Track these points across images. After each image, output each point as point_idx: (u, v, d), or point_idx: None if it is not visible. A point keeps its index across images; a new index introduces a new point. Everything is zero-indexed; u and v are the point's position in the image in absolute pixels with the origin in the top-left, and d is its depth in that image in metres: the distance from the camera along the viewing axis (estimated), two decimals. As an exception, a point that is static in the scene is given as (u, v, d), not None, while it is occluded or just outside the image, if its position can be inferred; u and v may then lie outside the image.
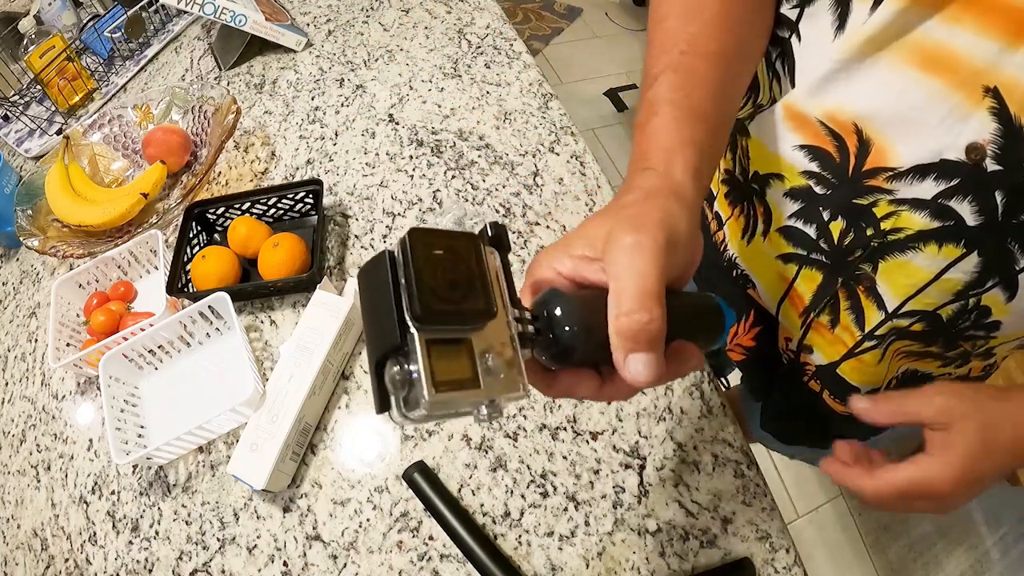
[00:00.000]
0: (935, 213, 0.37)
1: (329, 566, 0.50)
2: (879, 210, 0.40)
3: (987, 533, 1.41)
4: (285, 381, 0.53)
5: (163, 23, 0.99)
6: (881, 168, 0.38)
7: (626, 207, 0.30)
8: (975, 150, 0.34)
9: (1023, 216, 0.35)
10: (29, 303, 0.72)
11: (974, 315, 0.41)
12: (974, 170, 0.34)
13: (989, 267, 0.37)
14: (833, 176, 0.42)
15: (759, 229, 0.51)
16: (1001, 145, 0.33)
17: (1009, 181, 0.34)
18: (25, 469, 0.61)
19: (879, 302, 0.43)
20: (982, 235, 0.36)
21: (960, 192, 0.35)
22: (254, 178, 0.76)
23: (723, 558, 0.48)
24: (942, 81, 0.34)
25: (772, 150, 0.46)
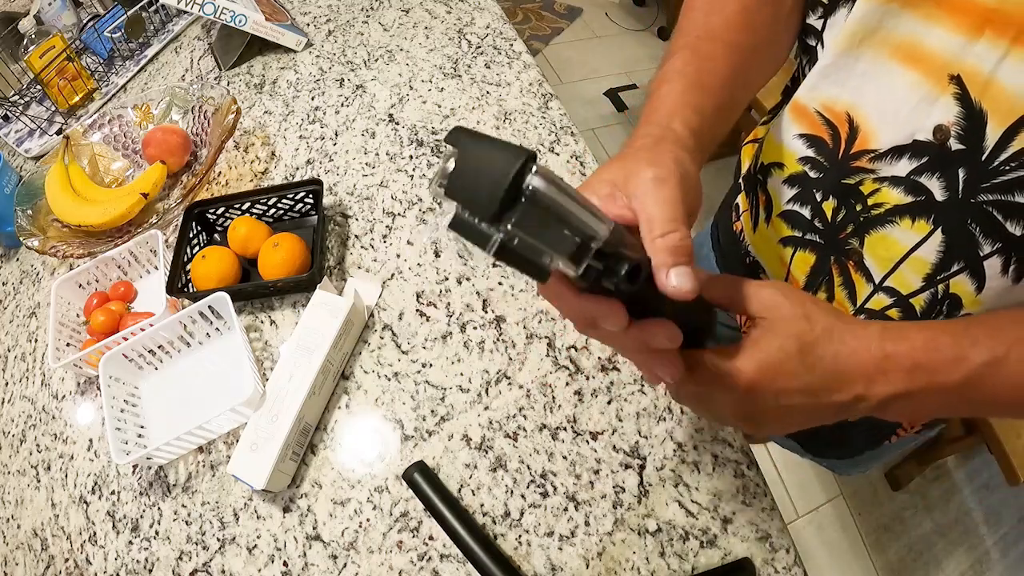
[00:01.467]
0: (909, 188, 0.41)
1: (329, 566, 0.50)
2: (865, 188, 0.43)
3: (987, 533, 1.41)
4: (285, 381, 0.53)
5: (163, 23, 0.99)
6: (866, 150, 0.42)
7: (639, 151, 0.33)
8: (941, 131, 0.38)
9: (980, 197, 0.37)
10: (29, 303, 0.72)
11: (946, 305, 0.43)
12: (940, 149, 0.38)
13: (952, 247, 0.40)
14: (826, 160, 0.46)
15: (762, 216, 0.54)
16: (963, 126, 0.37)
17: (970, 159, 0.37)
18: (25, 469, 0.61)
19: (867, 275, 0.46)
20: (946, 211, 0.39)
21: (929, 169, 0.39)
22: (254, 178, 0.76)
23: (723, 558, 0.48)
24: (917, 72, 0.38)
25: (778, 141, 0.50)
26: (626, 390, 0.55)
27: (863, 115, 0.42)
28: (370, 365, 0.59)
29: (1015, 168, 0.35)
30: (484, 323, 0.60)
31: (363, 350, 0.60)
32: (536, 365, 0.57)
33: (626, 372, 0.56)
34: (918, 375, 0.32)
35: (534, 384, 0.56)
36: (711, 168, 1.49)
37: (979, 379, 0.32)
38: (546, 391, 0.56)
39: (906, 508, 1.43)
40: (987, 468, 1.47)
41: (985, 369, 0.32)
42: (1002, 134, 0.35)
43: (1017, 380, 0.32)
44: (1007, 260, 0.38)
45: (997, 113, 0.35)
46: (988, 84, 0.35)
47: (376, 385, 0.58)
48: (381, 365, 0.59)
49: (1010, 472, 1.07)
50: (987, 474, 1.46)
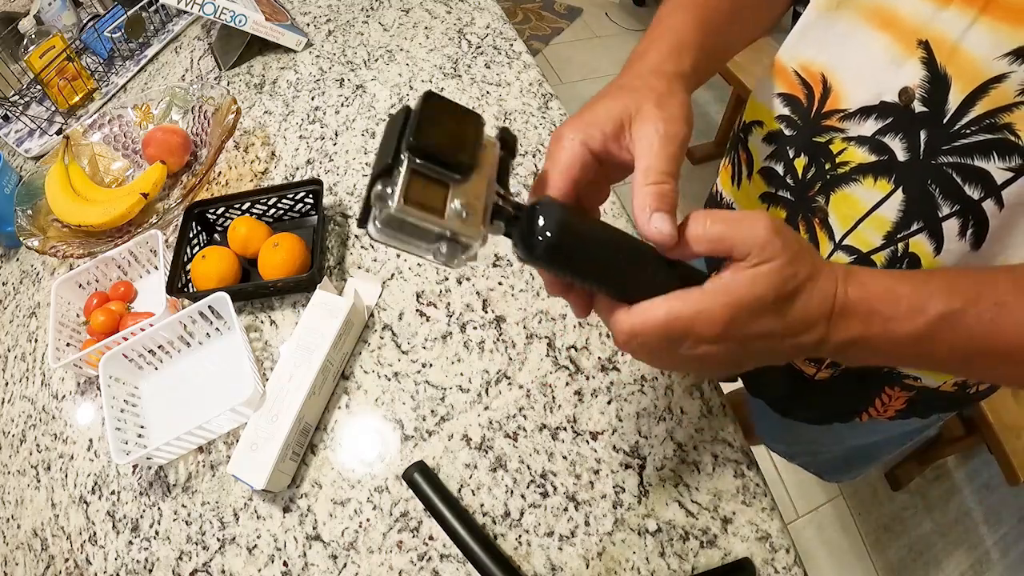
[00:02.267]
0: (873, 148, 0.42)
1: (329, 566, 0.50)
2: (834, 147, 0.45)
3: (987, 533, 1.41)
4: (285, 381, 0.53)
5: (163, 23, 0.99)
6: (836, 110, 0.44)
7: (652, 89, 0.34)
8: (906, 93, 0.39)
9: (941, 159, 0.38)
10: (29, 303, 0.72)
11: (905, 263, 0.43)
12: (905, 111, 0.39)
13: (911, 206, 0.41)
14: (799, 119, 0.47)
15: (743, 173, 0.56)
16: (928, 90, 0.38)
17: (931, 121, 0.38)
18: (25, 469, 0.61)
19: (830, 233, 0.47)
20: (907, 171, 0.40)
21: (893, 130, 0.41)
22: (254, 178, 0.76)
23: (723, 558, 0.48)
24: (888, 35, 0.39)
25: (760, 100, 0.52)
26: (626, 390, 0.55)
27: (837, 76, 0.44)
28: (370, 365, 0.59)
29: (975, 132, 0.36)
30: (484, 323, 0.60)
31: (363, 350, 0.60)
32: (536, 365, 0.57)
33: (626, 372, 0.56)
34: (875, 321, 0.31)
35: (534, 384, 0.56)
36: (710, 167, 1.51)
37: (934, 331, 0.31)
38: (546, 391, 0.56)
39: (906, 508, 1.43)
40: (987, 468, 1.47)
41: (941, 322, 0.31)
42: (964, 99, 0.36)
43: (969, 336, 0.32)
44: (964, 223, 0.39)
45: (961, 79, 0.36)
46: (954, 50, 0.36)
47: (376, 385, 0.58)
48: (381, 365, 0.59)
49: (1010, 472, 1.07)
50: (987, 474, 1.46)
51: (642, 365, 0.56)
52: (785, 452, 0.91)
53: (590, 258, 0.30)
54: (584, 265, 0.30)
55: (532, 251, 0.30)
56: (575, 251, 0.30)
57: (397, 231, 0.28)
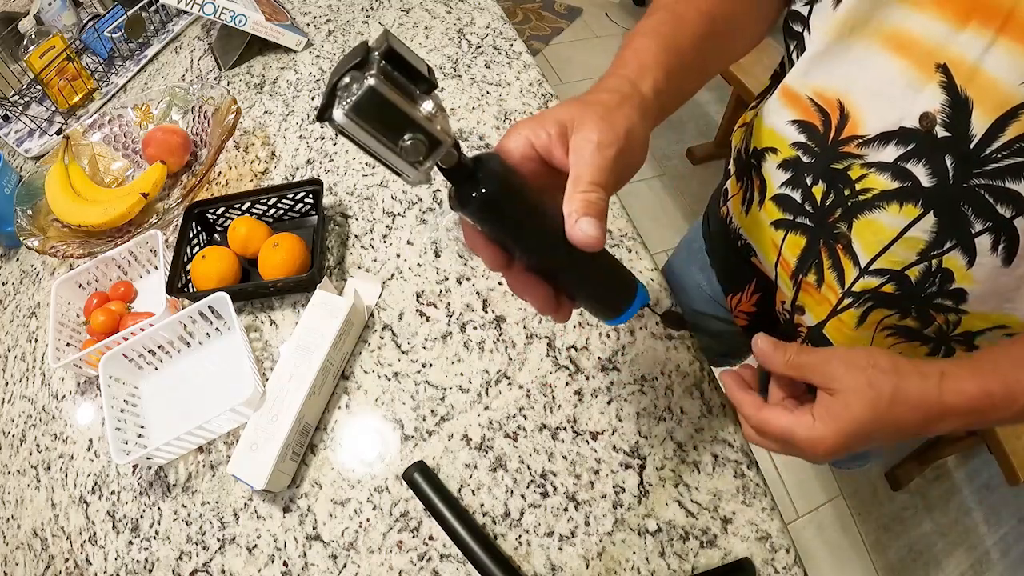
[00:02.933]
0: (895, 175, 0.42)
1: (329, 566, 0.50)
2: (853, 173, 0.44)
3: (987, 533, 1.41)
4: (285, 381, 0.53)
5: (163, 23, 0.99)
6: (854, 136, 0.43)
7: (600, 104, 0.35)
8: (927, 118, 0.39)
9: (972, 181, 0.38)
10: (29, 303, 0.72)
11: (938, 278, 0.44)
12: (927, 136, 0.39)
13: (945, 227, 0.41)
14: (816, 145, 0.47)
15: (755, 199, 0.55)
16: (949, 114, 0.38)
17: (957, 147, 0.38)
18: (25, 469, 0.61)
19: (855, 259, 0.47)
20: (936, 196, 0.40)
21: (915, 156, 0.40)
22: (254, 178, 0.76)
23: (723, 558, 0.48)
24: (904, 60, 0.39)
25: (769, 126, 0.51)
26: (626, 390, 0.55)
27: (853, 102, 0.43)
28: (370, 365, 0.59)
29: (1006, 156, 0.36)
30: (484, 323, 0.60)
31: (363, 350, 0.60)
32: (536, 365, 0.57)
33: (626, 372, 0.56)
34: (973, 417, 0.36)
35: (534, 384, 0.56)
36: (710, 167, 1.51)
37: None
38: (546, 391, 0.56)
39: (906, 508, 1.43)
40: (987, 468, 1.47)
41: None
42: (993, 123, 0.36)
43: None
44: (996, 239, 0.39)
45: (984, 102, 0.36)
46: (974, 73, 0.36)
47: (376, 385, 0.58)
48: (381, 365, 0.59)
49: (1010, 472, 1.07)
50: (987, 474, 1.46)
51: (642, 365, 0.56)
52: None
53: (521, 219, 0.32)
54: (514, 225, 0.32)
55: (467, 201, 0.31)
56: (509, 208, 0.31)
57: (365, 118, 0.27)
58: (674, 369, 0.56)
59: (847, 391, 0.36)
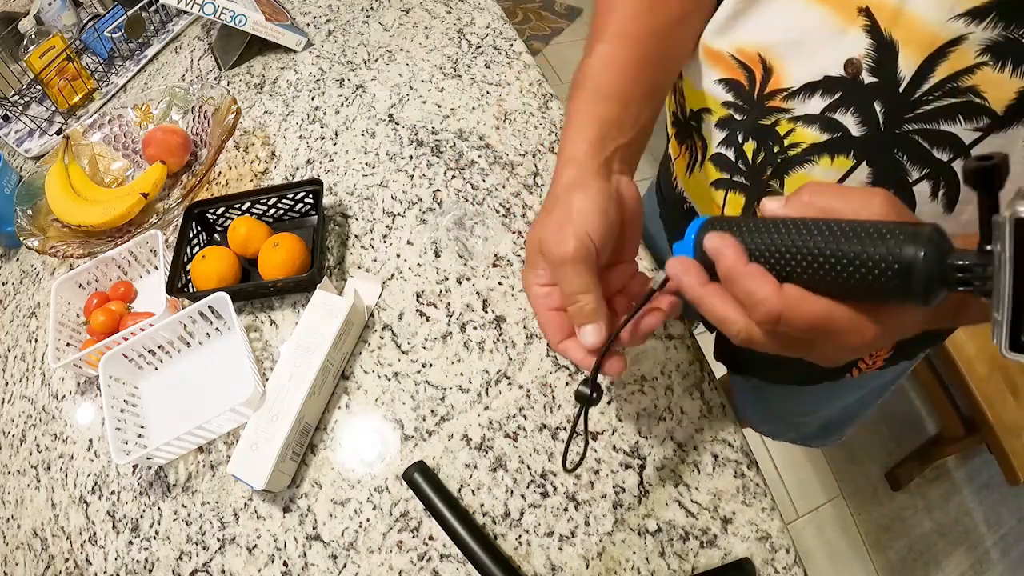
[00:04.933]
0: (824, 126, 0.41)
1: (329, 566, 0.50)
2: (781, 128, 0.43)
3: (987, 533, 1.41)
4: (285, 381, 0.53)
5: (163, 23, 0.99)
6: (779, 90, 0.42)
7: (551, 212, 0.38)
8: (852, 65, 0.37)
9: (905, 127, 0.37)
10: (29, 303, 0.72)
11: None
12: (853, 83, 0.38)
13: (881, 178, 0.40)
14: (744, 103, 0.46)
15: (697, 161, 0.55)
16: (875, 58, 0.36)
17: (885, 92, 0.37)
18: (25, 469, 0.61)
19: None
20: (868, 145, 0.39)
21: (843, 105, 0.39)
22: (254, 178, 0.76)
23: (723, 558, 0.48)
24: (824, 7, 0.38)
25: (698, 88, 0.50)
26: (626, 390, 0.55)
27: (775, 54, 0.42)
28: (370, 365, 0.59)
29: (938, 98, 0.35)
30: (484, 323, 0.60)
31: (363, 350, 0.60)
32: (536, 365, 0.57)
33: (626, 372, 0.56)
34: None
35: (534, 384, 0.56)
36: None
37: None
38: (546, 391, 0.56)
39: (906, 508, 1.43)
40: (987, 468, 1.46)
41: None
42: (921, 64, 0.35)
43: None
44: (936, 185, 0.39)
45: (910, 43, 0.35)
46: (898, 14, 0.35)
47: (376, 385, 0.58)
48: (381, 365, 0.59)
49: (1010, 472, 1.07)
50: (987, 474, 1.46)
51: (642, 365, 0.56)
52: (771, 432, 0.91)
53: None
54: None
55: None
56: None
57: None
58: (674, 369, 0.56)
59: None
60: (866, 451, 1.49)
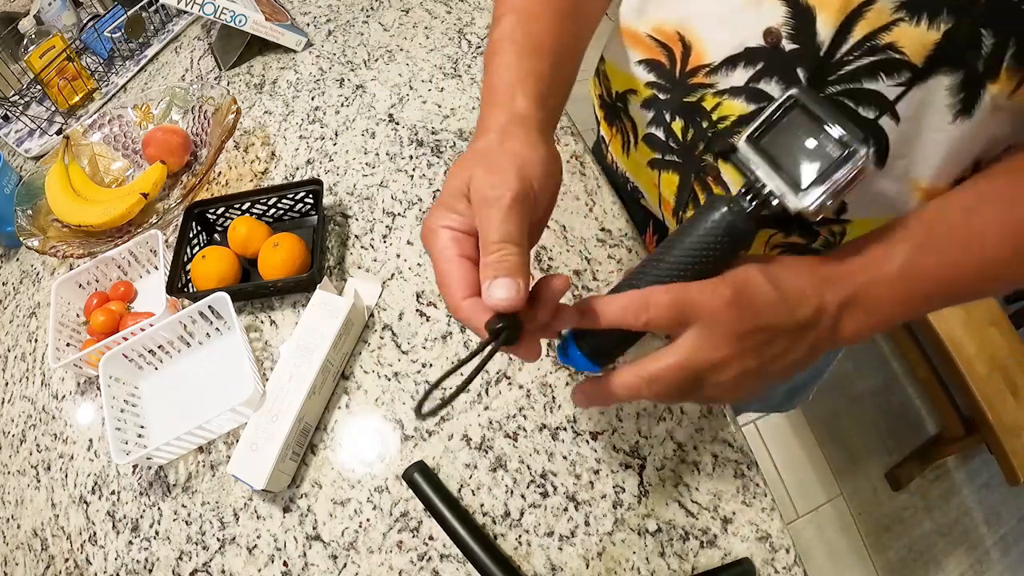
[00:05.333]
0: (749, 97, 0.41)
1: (329, 566, 0.50)
2: (707, 103, 0.44)
3: (987, 533, 1.41)
4: (285, 381, 0.53)
5: (163, 23, 0.99)
6: (701, 66, 0.43)
7: (483, 153, 0.35)
8: (771, 34, 0.38)
9: (830, 89, 0.38)
10: (29, 303, 0.72)
11: None
12: (774, 52, 0.38)
13: None
14: (667, 82, 0.46)
15: (631, 141, 0.55)
16: (793, 25, 0.37)
17: (807, 57, 0.37)
18: (25, 469, 0.61)
19: (727, 189, 0.47)
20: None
21: (766, 74, 0.39)
22: (254, 178, 0.76)
23: (723, 558, 0.48)
24: None
25: (622, 70, 0.51)
26: (626, 390, 0.55)
27: (692, 31, 0.42)
28: (370, 365, 0.59)
29: (858, 57, 0.36)
30: (484, 323, 0.60)
31: (363, 350, 0.60)
32: (536, 365, 0.57)
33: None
34: (857, 275, 0.35)
35: (534, 384, 0.56)
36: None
37: (915, 265, 0.34)
38: (546, 391, 0.56)
39: (906, 508, 1.43)
40: (987, 468, 1.47)
41: (917, 255, 0.34)
42: (839, 26, 0.35)
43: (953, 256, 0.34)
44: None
45: (826, 6, 0.35)
46: None
47: (376, 385, 0.58)
48: (381, 365, 0.59)
49: (1010, 472, 1.07)
50: (987, 474, 1.47)
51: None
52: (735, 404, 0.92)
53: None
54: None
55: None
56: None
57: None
58: (674, 369, 0.56)
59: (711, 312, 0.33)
60: (866, 451, 1.49)
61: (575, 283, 0.61)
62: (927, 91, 0.35)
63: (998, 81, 0.34)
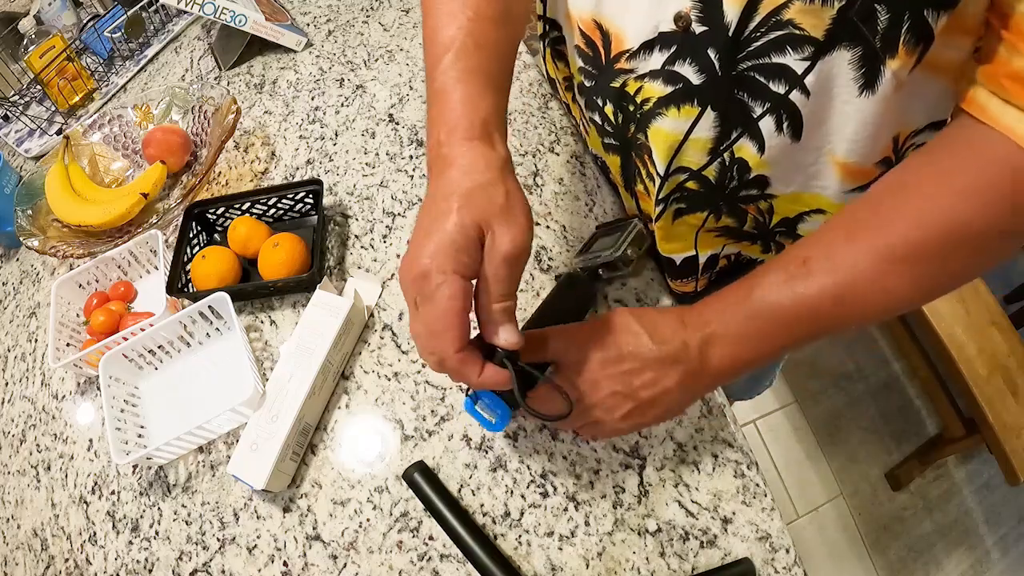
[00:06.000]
0: (666, 79, 0.42)
1: (329, 566, 0.50)
2: (630, 88, 0.45)
3: (987, 533, 1.41)
4: (285, 381, 0.53)
5: (163, 23, 0.99)
6: (622, 52, 0.44)
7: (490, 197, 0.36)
8: (681, 18, 0.39)
9: (740, 67, 0.39)
10: (29, 303, 0.72)
11: (735, 170, 0.45)
12: (686, 35, 0.40)
13: (726, 119, 0.42)
14: (594, 68, 0.48)
15: (583, 124, 0.58)
16: (701, 8, 0.38)
17: (716, 38, 0.39)
18: (25, 469, 0.61)
19: (656, 166, 0.48)
20: (709, 91, 0.41)
21: (680, 56, 0.41)
22: (254, 178, 0.76)
23: (723, 558, 0.48)
24: None
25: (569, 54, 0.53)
26: (626, 390, 0.55)
27: (608, 18, 0.44)
28: (370, 365, 0.59)
29: (764, 33, 0.37)
30: (484, 323, 0.60)
31: (363, 350, 0.60)
32: (536, 365, 0.57)
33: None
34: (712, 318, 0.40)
35: (534, 384, 0.56)
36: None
37: (765, 304, 0.38)
38: (546, 391, 0.56)
39: (906, 508, 1.43)
40: (987, 468, 1.47)
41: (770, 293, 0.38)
42: (745, 6, 0.36)
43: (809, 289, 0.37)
44: (779, 118, 0.40)
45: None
46: None
47: (376, 385, 0.58)
48: (381, 365, 0.59)
49: (1010, 472, 1.07)
50: (987, 474, 1.47)
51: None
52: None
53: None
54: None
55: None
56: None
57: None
58: (674, 369, 0.56)
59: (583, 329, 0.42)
60: (866, 451, 1.49)
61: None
62: (831, 64, 0.37)
63: (897, 56, 0.35)
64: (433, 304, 0.33)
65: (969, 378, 1.08)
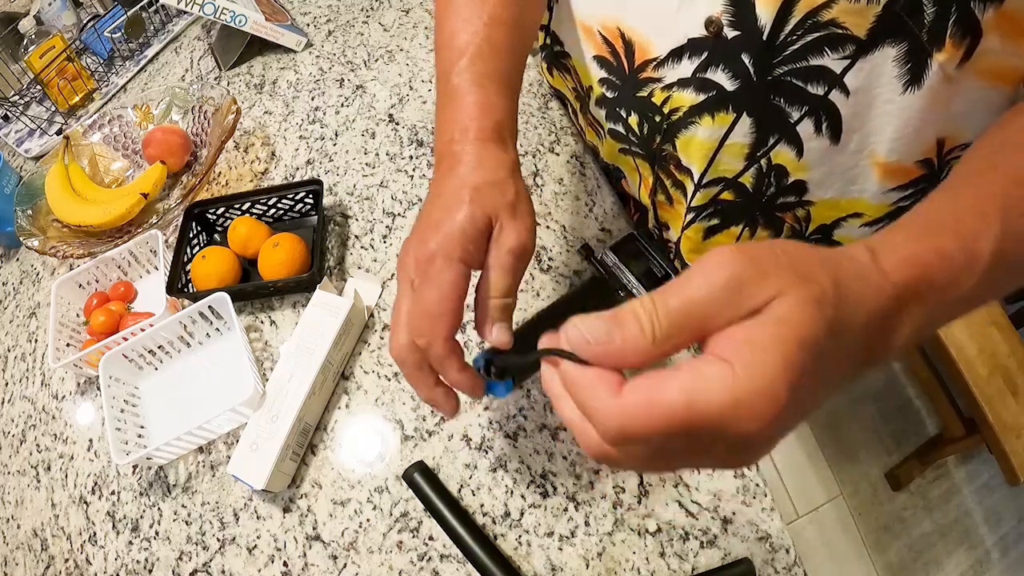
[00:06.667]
0: (698, 87, 0.41)
1: (329, 566, 0.50)
2: (656, 98, 0.44)
3: (987, 533, 1.41)
4: (285, 381, 0.53)
5: (163, 23, 0.99)
6: (648, 60, 0.43)
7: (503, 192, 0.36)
8: (712, 24, 0.38)
9: (776, 71, 0.38)
10: (29, 303, 0.72)
11: (773, 176, 0.44)
12: (717, 41, 0.38)
13: (763, 125, 0.41)
14: (617, 78, 0.47)
15: (601, 133, 0.57)
16: (733, 12, 0.37)
17: (750, 42, 0.37)
18: (25, 469, 0.61)
19: (690, 174, 0.47)
20: (744, 97, 0.40)
21: (712, 63, 0.40)
22: (254, 178, 0.76)
23: (723, 558, 0.48)
24: None
25: (583, 64, 0.51)
26: (626, 390, 0.55)
27: (632, 27, 0.43)
28: (370, 365, 0.59)
29: (801, 36, 0.36)
30: (484, 323, 0.60)
31: (363, 350, 0.60)
32: (536, 365, 0.57)
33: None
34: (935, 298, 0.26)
35: (534, 384, 0.56)
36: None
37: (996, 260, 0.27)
38: (546, 391, 0.56)
39: (906, 508, 1.43)
40: (987, 468, 1.47)
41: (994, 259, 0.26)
42: (780, 8, 0.35)
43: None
44: (817, 120, 0.39)
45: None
46: None
47: (376, 385, 0.58)
48: (381, 365, 0.59)
49: (1010, 472, 1.07)
50: (987, 474, 1.47)
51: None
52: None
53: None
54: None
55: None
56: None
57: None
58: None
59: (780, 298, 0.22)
60: (866, 451, 1.49)
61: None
62: (874, 63, 0.35)
63: (944, 50, 0.34)
64: (434, 287, 0.33)
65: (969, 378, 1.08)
